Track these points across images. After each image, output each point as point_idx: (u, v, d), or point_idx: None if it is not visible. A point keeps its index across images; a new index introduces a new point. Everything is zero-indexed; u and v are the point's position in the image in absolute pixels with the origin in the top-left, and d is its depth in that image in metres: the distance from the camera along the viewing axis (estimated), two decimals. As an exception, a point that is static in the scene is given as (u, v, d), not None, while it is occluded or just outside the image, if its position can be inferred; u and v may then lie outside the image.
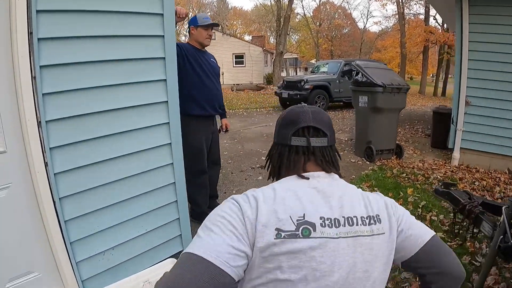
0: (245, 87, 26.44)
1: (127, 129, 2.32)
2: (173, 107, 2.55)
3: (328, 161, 1.16)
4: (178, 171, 2.70)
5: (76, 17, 1.98)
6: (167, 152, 2.61)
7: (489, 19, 5.78)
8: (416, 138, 8.85)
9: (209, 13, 51.47)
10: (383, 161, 6.46)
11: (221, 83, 17.22)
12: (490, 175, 5.75)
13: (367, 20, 71.57)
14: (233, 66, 30.11)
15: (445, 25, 26.60)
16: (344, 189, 1.11)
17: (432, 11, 27.78)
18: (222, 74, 28.49)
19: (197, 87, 3.51)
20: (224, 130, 4.20)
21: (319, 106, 13.33)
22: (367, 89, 6.31)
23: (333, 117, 12.41)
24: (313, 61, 50.15)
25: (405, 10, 28.39)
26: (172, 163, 2.65)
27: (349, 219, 1.03)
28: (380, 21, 68.34)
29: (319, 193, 1.05)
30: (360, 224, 1.03)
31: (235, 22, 54.49)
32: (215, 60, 3.84)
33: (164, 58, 2.44)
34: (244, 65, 30.01)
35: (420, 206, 4.35)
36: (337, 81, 14.02)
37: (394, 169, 5.84)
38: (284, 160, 1.17)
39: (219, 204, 3.49)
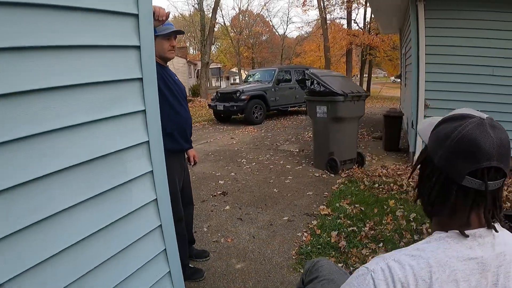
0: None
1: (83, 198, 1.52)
2: (156, 148, 1.87)
3: (496, 209, 0.94)
4: (169, 235, 2.01)
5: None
6: (153, 213, 1.91)
7: (445, 23, 5.82)
8: (365, 143, 8.72)
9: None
10: (347, 172, 6.13)
11: None
12: None
13: (287, 26, 73.24)
14: (157, 80, 28.85)
15: (366, 28, 27.82)
16: (504, 251, 0.91)
17: (353, 15, 28.94)
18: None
19: (168, 115, 2.71)
20: (192, 163, 3.51)
21: (256, 116, 13.00)
22: (326, 99, 5.97)
23: (273, 127, 12.11)
24: (234, 69, 50.28)
25: (327, 16, 29.09)
26: (161, 224, 1.94)
27: None
28: (302, 27, 70.21)
29: (478, 269, 0.89)
30: None
31: (154, 34, 52.94)
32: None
33: (141, 79, 1.74)
34: (169, 78, 28.89)
35: (411, 219, 4.01)
36: (273, 89, 13.81)
37: (364, 181, 5.50)
38: (446, 202, 0.95)
39: (197, 251, 3.17)
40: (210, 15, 25.89)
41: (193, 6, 41.15)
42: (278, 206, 4.82)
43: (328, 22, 28.80)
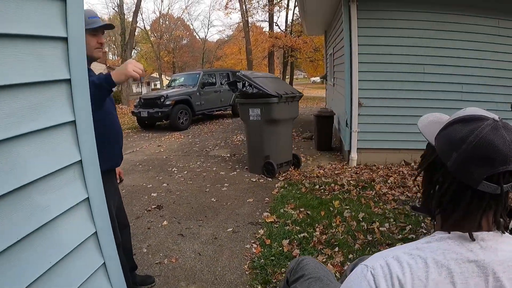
0: (90, 110, 23.84)
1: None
2: (91, 168, 1.48)
3: (505, 211, 0.93)
4: (115, 272, 1.63)
5: None
6: (93, 249, 1.51)
7: (378, 23, 5.95)
8: (297, 144, 8.70)
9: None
10: (284, 174, 6.00)
11: None
12: (391, 170, 5.86)
13: (208, 29, 72.70)
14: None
15: (288, 30, 28.31)
16: (509, 257, 0.89)
17: (274, 18, 29.35)
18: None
19: (100, 127, 2.04)
20: (119, 181, 3.06)
21: (182, 122, 12.57)
22: (259, 101, 5.78)
23: (200, 133, 11.76)
24: (154, 74, 48.97)
25: (249, 19, 29.18)
26: (104, 262, 1.55)
27: None
28: (223, 30, 70.21)
29: (477, 272, 0.87)
30: None
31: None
32: None
33: (69, 80, 1.35)
34: (86, 86, 27.28)
35: (361, 219, 3.94)
36: (198, 93, 13.45)
37: (304, 183, 5.37)
38: (459, 207, 0.92)
39: (140, 277, 2.91)
40: (130, 19, 24.82)
41: (113, 9, 39.39)
42: (220, 216, 4.52)
43: (250, 25, 28.95)
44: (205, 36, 50.36)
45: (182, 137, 11.07)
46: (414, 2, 5.80)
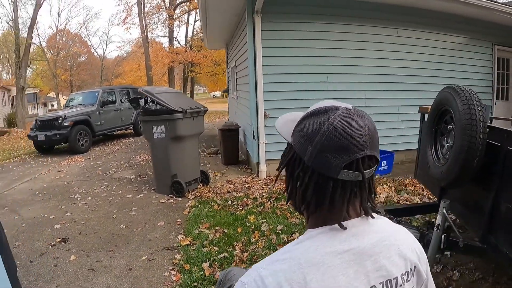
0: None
1: None
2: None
3: (371, 196, 0.95)
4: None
5: None
6: None
7: (282, 35, 6.13)
8: (203, 159, 8.60)
9: None
10: (193, 192, 5.89)
11: None
12: None
13: (106, 46, 69.49)
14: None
15: (188, 45, 28.09)
16: (381, 238, 0.92)
17: (175, 33, 29.04)
18: None
19: None
20: None
21: (82, 144, 11.73)
22: (163, 117, 5.59)
23: (101, 154, 11.10)
24: (51, 94, 45.56)
25: (149, 34, 28.50)
26: None
27: (388, 283, 0.89)
28: (123, 45, 67.41)
29: (355, 260, 0.87)
30: (400, 286, 0.91)
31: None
32: None
33: None
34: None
35: (280, 231, 3.98)
36: (97, 112, 12.64)
37: (216, 200, 5.31)
38: (323, 199, 0.90)
39: None
40: (26, 34, 22.73)
41: (7, 23, 35.89)
42: (131, 244, 4.24)
43: (149, 40, 28.31)
44: (104, 53, 48.25)
45: (83, 160, 10.33)
46: (315, 13, 6.14)
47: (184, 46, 28.86)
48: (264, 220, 4.33)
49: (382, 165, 5.77)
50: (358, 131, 0.85)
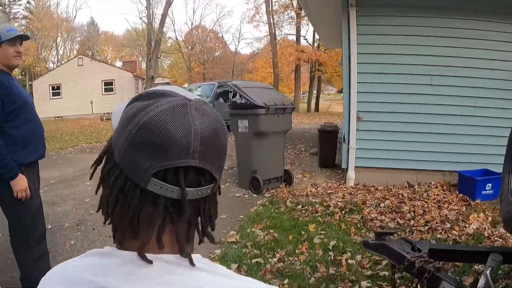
0: (115, 115, 24.20)
1: None
2: None
3: (204, 228, 0.69)
4: None
5: None
6: None
7: (379, 30, 5.50)
8: (301, 159, 8.28)
9: (79, 38, 48.33)
10: (272, 191, 5.61)
11: (91, 112, 15.47)
12: (391, 193, 5.32)
13: (238, 42, 73.36)
14: (103, 94, 27.72)
15: (316, 44, 27.97)
16: None
17: (303, 31, 29.20)
18: (91, 103, 26.20)
19: (24, 126, 2.63)
20: None
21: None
22: (247, 112, 5.48)
23: (211, 143, 11.47)
24: (185, 85, 49.62)
25: (276, 31, 29.15)
26: None
27: None
28: (252, 43, 70.50)
29: None
30: None
31: (105, 47, 51.63)
32: None
33: None
34: (114, 92, 27.79)
35: (330, 247, 3.51)
36: (211, 104, 13.17)
37: (287, 201, 4.98)
38: (126, 213, 0.62)
39: None
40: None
41: (140, 18, 40.49)
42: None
43: (278, 38, 28.88)
44: (235, 49, 50.64)
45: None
46: (420, 7, 5.31)
47: (311, 44, 28.68)
48: (322, 232, 3.88)
49: (487, 188, 4.81)
50: (183, 130, 0.60)
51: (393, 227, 4.01)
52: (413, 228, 3.97)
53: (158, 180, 0.60)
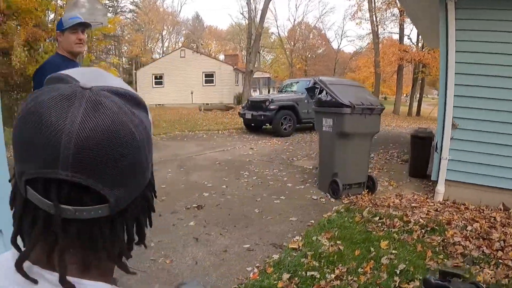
0: (214, 107, 25.03)
1: None
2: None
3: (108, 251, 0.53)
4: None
5: None
6: None
7: (478, 25, 4.75)
8: (391, 165, 7.66)
9: (184, 31, 51.01)
10: (351, 197, 5.21)
11: (191, 102, 16.15)
12: (482, 214, 4.58)
13: (341, 39, 71.66)
14: (203, 85, 28.82)
15: (420, 44, 26.21)
16: None
17: (407, 30, 27.54)
18: (192, 93, 27.30)
19: None
20: None
21: (285, 128, 12.11)
22: (332, 110, 5.14)
23: (299, 141, 11.23)
24: (285, 80, 49.70)
25: (379, 29, 27.89)
26: None
27: None
28: (353, 40, 68.56)
29: None
30: None
31: (209, 41, 53.84)
32: None
33: None
34: (214, 84, 28.74)
35: (398, 271, 3.05)
36: (306, 100, 12.74)
37: (364, 211, 4.55)
38: (14, 220, 0.53)
39: None
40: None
41: (241, 13, 41.47)
42: (248, 229, 4.06)
43: (380, 36, 27.57)
44: (338, 47, 49.59)
45: (279, 143, 10.74)
46: None
47: (415, 44, 26.84)
48: (394, 251, 3.43)
49: None
50: (51, 130, 0.46)
51: (477, 257, 3.42)
52: (500, 261, 3.32)
53: (32, 190, 0.49)
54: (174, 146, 10.06)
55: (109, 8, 36.35)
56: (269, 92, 30.59)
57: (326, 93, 5.23)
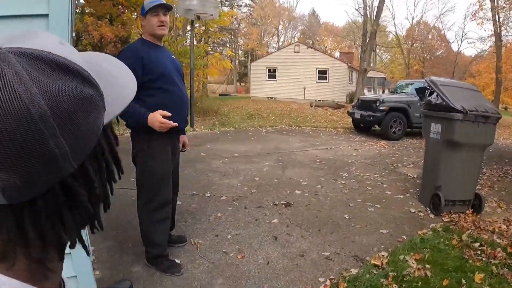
0: (325, 104, 24.63)
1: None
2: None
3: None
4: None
5: None
6: None
7: None
8: (503, 184, 6.68)
9: (300, 27, 51.26)
10: (453, 215, 4.65)
11: (303, 97, 16.23)
12: None
13: (461, 41, 65.43)
14: (316, 82, 28.52)
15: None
16: None
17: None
18: (304, 89, 27.23)
19: (161, 95, 2.73)
20: (181, 150, 3.28)
21: (394, 131, 11.39)
22: (441, 115, 4.64)
23: (407, 146, 10.48)
24: (400, 81, 47.13)
25: (502, 31, 24.92)
26: None
27: None
28: (474, 42, 62.39)
29: None
30: None
31: (325, 38, 53.26)
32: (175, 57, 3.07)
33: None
34: (327, 81, 28.25)
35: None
36: (419, 104, 11.88)
37: (464, 233, 4.02)
38: None
39: (174, 237, 3.41)
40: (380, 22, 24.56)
41: (356, 9, 40.12)
42: (332, 236, 3.86)
43: (503, 39, 24.59)
44: (458, 49, 45.47)
45: (386, 146, 10.16)
46: None
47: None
48: None
49: None
50: None
51: None
52: None
53: None
54: (278, 140, 10.12)
55: (225, 2, 37.74)
56: (383, 93, 29.26)
57: (437, 95, 4.72)
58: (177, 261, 3.10)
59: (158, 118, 2.54)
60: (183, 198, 4.83)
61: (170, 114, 2.58)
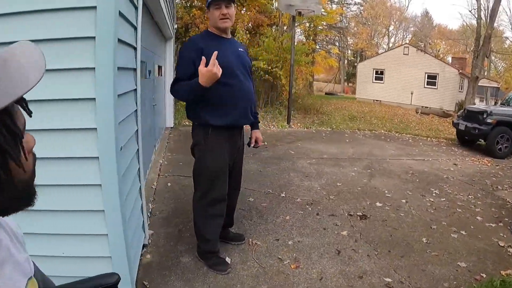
0: (432, 111, 23.11)
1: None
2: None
3: None
4: (109, 196, 2.06)
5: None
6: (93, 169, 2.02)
7: None
8: None
9: (412, 29, 48.61)
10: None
11: (409, 103, 15.28)
12: None
13: None
14: (424, 87, 26.81)
15: None
16: None
17: None
18: (411, 94, 25.89)
19: (219, 87, 2.66)
20: (253, 145, 3.25)
21: (500, 148, 10.17)
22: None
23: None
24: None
25: None
26: (100, 185, 2.02)
27: None
28: None
29: None
30: None
31: (438, 41, 49.81)
32: (246, 51, 3.04)
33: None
34: (436, 87, 26.38)
35: None
36: None
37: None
38: None
39: (232, 234, 3.53)
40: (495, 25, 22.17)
41: (470, 11, 36.59)
42: (402, 260, 3.58)
43: None
44: None
45: (488, 164, 9.17)
46: None
47: None
48: None
49: None
50: None
51: None
52: None
53: None
54: (372, 145, 9.75)
55: (334, 0, 36.92)
56: (495, 104, 26.62)
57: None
58: (228, 259, 3.14)
59: (202, 71, 2.47)
60: (257, 195, 4.85)
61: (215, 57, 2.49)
